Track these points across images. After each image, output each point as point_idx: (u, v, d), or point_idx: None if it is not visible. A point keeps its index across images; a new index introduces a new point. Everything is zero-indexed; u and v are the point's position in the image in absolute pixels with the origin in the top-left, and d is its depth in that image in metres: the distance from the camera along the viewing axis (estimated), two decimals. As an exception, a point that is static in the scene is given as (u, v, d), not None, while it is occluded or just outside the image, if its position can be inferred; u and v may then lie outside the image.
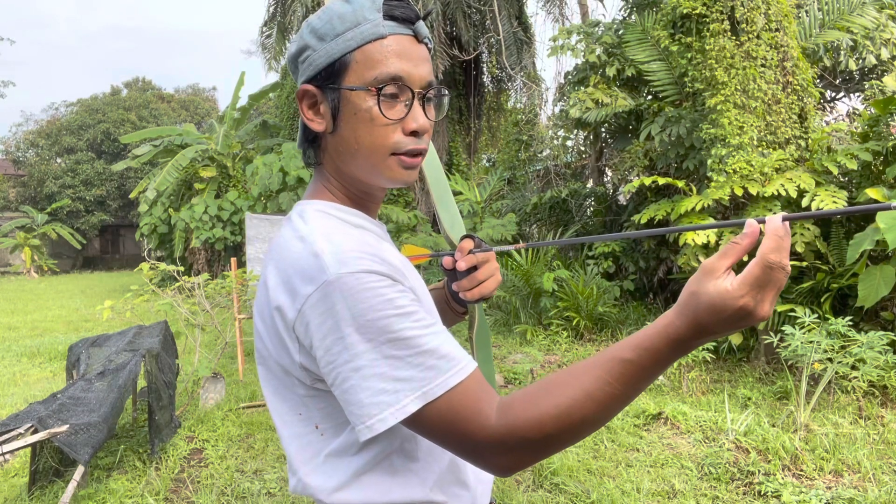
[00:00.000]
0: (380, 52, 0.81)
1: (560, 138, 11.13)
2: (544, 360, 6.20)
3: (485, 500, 0.94)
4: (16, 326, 10.22)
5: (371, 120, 0.82)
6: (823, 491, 3.15)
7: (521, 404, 0.72)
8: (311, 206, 0.87)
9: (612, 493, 3.22)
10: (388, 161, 0.84)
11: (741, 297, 0.66)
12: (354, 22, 0.81)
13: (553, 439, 0.71)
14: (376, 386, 0.72)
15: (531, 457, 0.72)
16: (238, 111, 15.39)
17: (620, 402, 0.71)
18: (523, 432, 0.71)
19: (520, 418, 0.71)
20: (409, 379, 0.72)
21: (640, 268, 7.99)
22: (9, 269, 26.20)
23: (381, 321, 0.73)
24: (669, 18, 6.53)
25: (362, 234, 0.83)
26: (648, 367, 0.70)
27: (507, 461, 0.73)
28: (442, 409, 0.73)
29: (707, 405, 4.60)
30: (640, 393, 0.72)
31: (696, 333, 0.68)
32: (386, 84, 0.81)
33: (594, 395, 0.70)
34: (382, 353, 0.72)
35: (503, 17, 12.23)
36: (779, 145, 5.66)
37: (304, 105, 0.87)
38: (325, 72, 0.83)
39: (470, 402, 0.73)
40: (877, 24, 7.01)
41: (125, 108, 30.88)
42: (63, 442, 2.89)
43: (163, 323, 4.77)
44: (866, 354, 4.10)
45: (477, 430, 0.72)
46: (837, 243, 5.32)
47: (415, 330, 0.74)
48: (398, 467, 0.83)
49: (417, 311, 0.75)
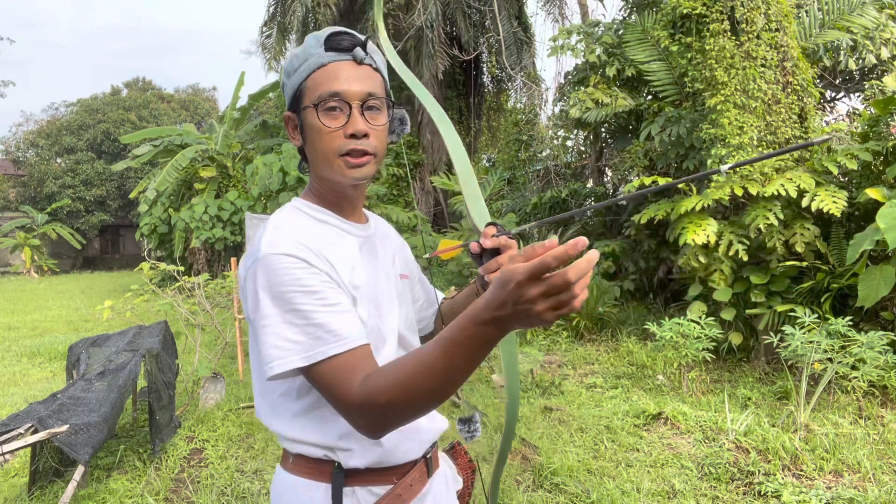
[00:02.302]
0: (322, 77, 1.03)
1: (560, 138, 11.13)
2: (544, 360, 6.20)
3: (407, 457, 1.10)
4: (16, 326, 10.22)
5: (319, 130, 1.03)
6: (823, 491, 3.15)
7: (376, 376, 0.89)
8: (291, 203, 1.11)
9: (612, 493, 3.22)
10: (337, 161, 1.04)
11: (521, 281, 0.72)
12: (304, 58, 1.04)
13: (394, 406, 0.85)
14: (274, 341, 0.94)
15: (381, 419, 0.88)
16: (238, 111, 15.39)
17: (448, 376, 0.82)
18: (372, 398, 0.87)
19: (370, 387, 0.87)
20: (298, 342, 0.93)
21: (640, 268, 7.99)
22: (9, 269, 26.19)
23: (287, 294, 0.94)
24: (669, 18, 6.53)
25: (318, 227, 1.06)
26: (461, 342, 0.79)
27: (363, 421, 0.89)
28: (322, 372, 0.92)
29: (707, 405, 4.60)
30: (469, 369, 0.82)
31: (488, 309, 0.76)
32: (325, 100, 1.01)
33: (425, 369, 0.83)
34: (284, 318, 0.94)
35: (503, 17, 12.23)
36: (779, 145, 5.65)
37: (288, 127, 1.11)
38: (293, 100, 1.07)
39: (343, 372, 0.91)
40: (877, 24, 7.00)
41: (125, 108, 30.88)
42: (63, 442, 2.89)
43: (163, 323, 4.77)
44: (866, 354, 4.10)
45: (344, 393, 0.90)
46: (837, 243, 5.32)
47: (313, 306, 0.94)
48: (326, 418, 1.03)
49: (322, 291, 0.95)
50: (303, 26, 13.30)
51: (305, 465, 1.06)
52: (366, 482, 1.05)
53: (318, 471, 1.05)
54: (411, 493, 1.09)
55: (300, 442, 1.05)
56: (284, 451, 1.10)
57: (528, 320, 0.75)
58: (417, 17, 11.29)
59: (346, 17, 13.18)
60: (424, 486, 1.12)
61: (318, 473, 1.05)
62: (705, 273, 5.74)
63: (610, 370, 5.84)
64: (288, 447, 1.08)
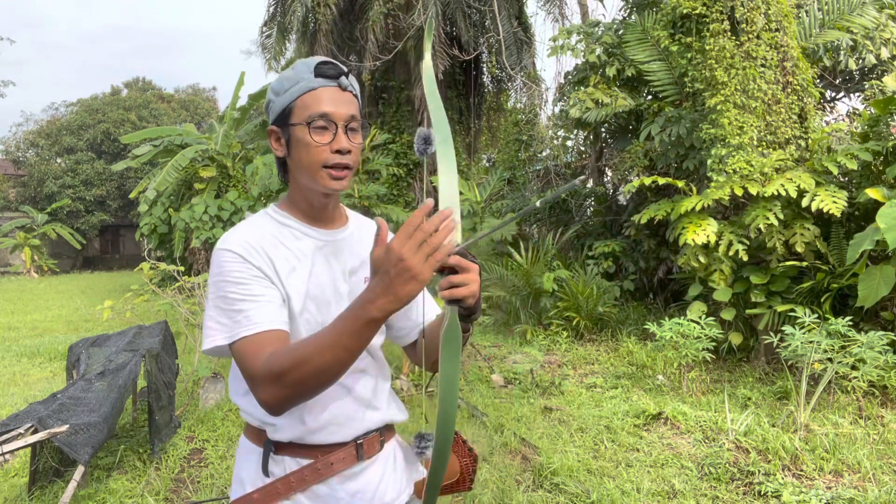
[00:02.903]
0: (312, 99, 1.18)
1: (560, 138, 11.13)
2: (544, 360, 6.20)
3: (332, 439, 1.24)
4: (16, 326, 10.22)
5: (308, 144, 1.17)
6: (823, 491, 3.15)
7: (278, 353, 1.03)
8: (265, 209, 1.28)
9: (612, 493, 3.22)
10: (321, 172, 1.18)
11: (394, 243, 0.89)
12: (295, 80, 1.19)
13: (289, 378, 0.99)
14: (208, 322, 1.14)
15: (279, 391, 1.01)
16: (238, 111, 15.37)
17: (337, 353, 0.97)
18: (269, 369, 1.01)
19: (272, 362, 1.01)
20: (223, 324, 1.11)
21: (640, 268, 7.99)
22: (9, 269, 26.19)
23: (221, 283, 1.13)
24: (669, 18, 6.53)
25: (276, 229, 1.23)
26: (349, 319, 0.95)
27: (264, 395, 1.03)
28: (239, 349, 1.09)
29: (707, 405, 4.60)
30: (357, 347, 0.97)
31: (372, 286, 0.92)
32: (315, 119, 1.16)
33: (319, 347, 0.97)
34: (215, 303, 1.13)
35: (503, 17, 12.22)
36: (779, 145, 5.65)
37: (271, 139, 1.25)
38: (280, 116, 1.20)
39: (252, 350, 1.07)
40: (877, 24, 7.00)
41: (125, 108, 30.85)
42: (63, 442, 2.89)
43: (163, 323, 4.77)
44: (866, 354, 4.10)
45: (251, 366, 1.05)
46: (837, 243, 5.32)
47: (237, 294, 1.11)
48: None
49: (249, 284, 1.12)
50: (303, 26, 13.29)
51: (250, 432, 1.28)
52: (293, 453, 1.23)
53: (256, 438, 1.26)
54: (330, 469, 1.23)
55: (247, 413, 1.25)
56: (245, 421, 1.31)
57: (408, 279, 0.89)
58: (417, 17, 11.29)
59: (346, 17, 13.17)
60: (351, 468, 1.26)
61: (256, 440, 1.26)
62: (705, 273, 5.74)
63: (610, 370, 5.84)
64: (244, 417, 1.28)
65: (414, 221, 0.88)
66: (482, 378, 5.62)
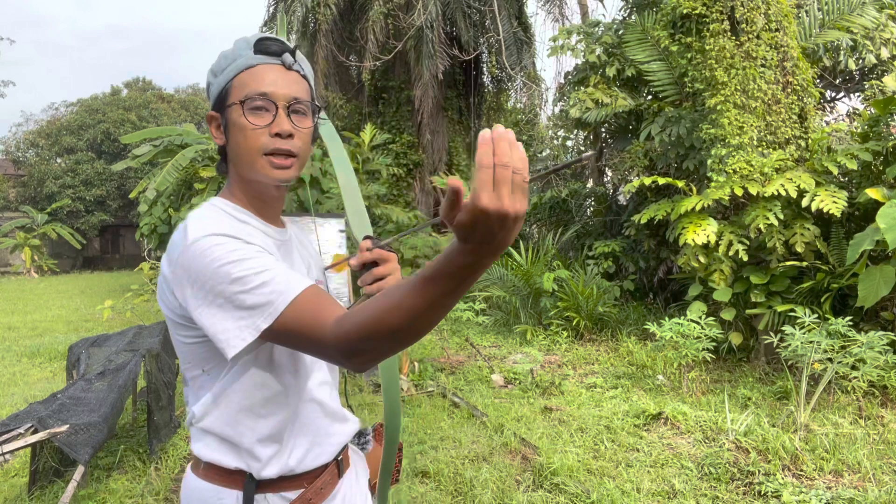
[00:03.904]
0: (250, 77, 1.04)
1: (560, 138, 11.15)
2: (544, 360, 6.20)
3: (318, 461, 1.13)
4: (16, 326, 10.21)
5: (243, 127, 1.04)
6: (823, 491, 3.15)
7: (350, 314, 0.87)
8: (208, 202, 1.10)
9: (612, 493, 3.22)
10: (261, 160, 1.04)
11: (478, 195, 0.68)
12: (233, 58, 1.06)
13: (371, 340, 0.84)
14: (218, 325, 0.95)
15: (369, 357, 0.87)
16: (238, 111, 15.38)
17: (421, 314, 0.80)
18: (347, 334, 0.85)
19: (345, 324, 0.86)
20: (244, 313, 0.93)
21: (640, 268, 7.99)
22: (9, 269, 26.18)
23: (218, 270, 0.94)
24: (669, 18, 6.53)
25: (239, 225, 1.04)
26: (438, 280, 0.77)
27: (343, 360, 0.89)
28: (284, 325, 0.92)
29: (707, 405, 4.60)
30: (443, 308, 0.80)
31: (462, 240, 0.73)
32: (252, 98, 1.03)
33: (399, 307, 0.81)
34: (217, 301, 0.95)
35: (503, 17, 12.22)
36: (779, 145, 5.65)
37: (211, 126, 1.11)
38: (218, 99, 1.08)
39: (309, 318, 0.91)
40: (877, 24, 7.00)
41: (125, 108, 30.83)
42: (63, 442, 2.89)
43: (163, 323, 4.77)
44: (866, 354, 4.10)
45: (317, 332, 0.89)
46: (837, 243, 5.31)
47: (249, 270, 0.93)
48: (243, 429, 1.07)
49: (254, 257, 0.95)
50: (303, 26, 13.29)
51: (214, 474, 1.08)
52: (277, 489, 1.08)
53: (227, 480, 1.07)
54: (321, 495, 1.12)
55: (219, 450, 1.07)
56: (195, 457, 1.11)
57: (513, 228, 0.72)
58: (417, 17, 11.29)
59: (346, 17, 13.17)
60: (335, 488, 1.16)
61: (227, 482, 1.07)
62: (705, 273, 5.74)
63: (610, 370, 5.84)
64: (208, 457, 1.08)
65: (486, 161, 0.68)
66: (482, 378, 5.62)
